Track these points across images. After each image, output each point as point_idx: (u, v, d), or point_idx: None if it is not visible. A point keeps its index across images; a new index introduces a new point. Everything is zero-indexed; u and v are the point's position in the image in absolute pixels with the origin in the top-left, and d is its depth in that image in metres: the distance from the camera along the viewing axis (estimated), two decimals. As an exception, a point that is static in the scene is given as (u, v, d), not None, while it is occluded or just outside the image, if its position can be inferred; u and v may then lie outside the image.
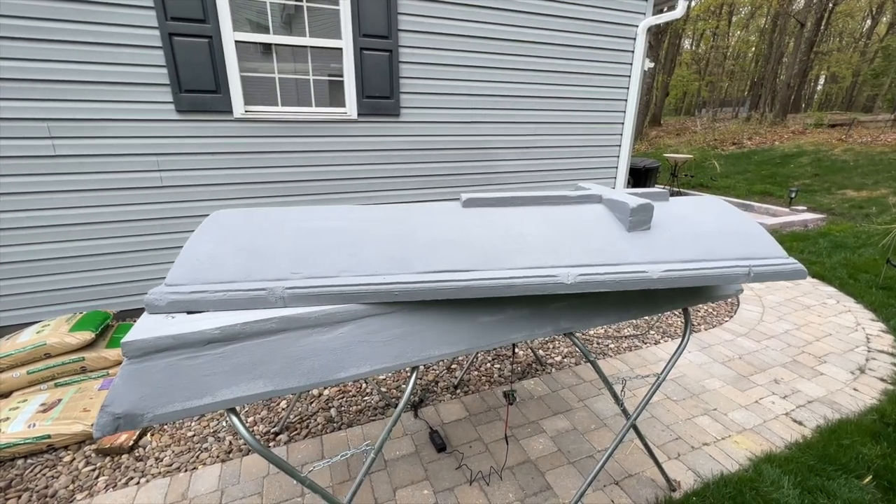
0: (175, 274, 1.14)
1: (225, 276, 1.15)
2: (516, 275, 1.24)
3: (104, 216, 3.13)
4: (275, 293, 1.14)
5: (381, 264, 1.23)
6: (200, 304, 1.12)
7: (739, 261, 1.37)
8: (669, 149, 14.74)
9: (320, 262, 1.21)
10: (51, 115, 2.85)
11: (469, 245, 1.31)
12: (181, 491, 1.89)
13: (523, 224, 1.42)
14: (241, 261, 1.19)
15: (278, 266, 1.19)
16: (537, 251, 1.31)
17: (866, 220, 6.66)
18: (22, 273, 3.03)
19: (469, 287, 1.21)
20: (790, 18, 20.20)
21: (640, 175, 8.01)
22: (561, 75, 4.31)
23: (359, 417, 2.37)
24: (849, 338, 3.26)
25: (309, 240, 1.27)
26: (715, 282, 1.34)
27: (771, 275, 1.36)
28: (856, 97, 29.18)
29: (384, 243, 1.29)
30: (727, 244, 1.41)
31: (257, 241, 1.24)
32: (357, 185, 3.82)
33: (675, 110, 34.68)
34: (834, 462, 2.02)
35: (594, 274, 1.26)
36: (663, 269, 1.30)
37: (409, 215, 1.45)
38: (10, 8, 2.62)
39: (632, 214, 1.39)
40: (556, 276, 1.24)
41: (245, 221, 1.33)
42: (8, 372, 2.45)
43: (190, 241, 1.23)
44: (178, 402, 1.01)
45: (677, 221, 1.48)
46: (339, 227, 1.34)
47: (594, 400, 2.51)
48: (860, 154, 10.34)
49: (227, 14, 3.07)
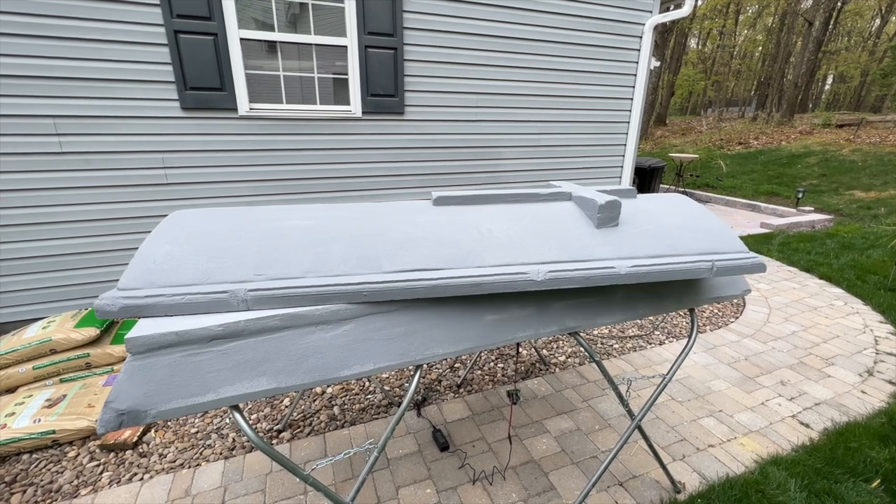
0: (128, 277, 1.08)
1: (183, 279, 1.09)
2: (486, 272, 1.23)
3: (109, 213, 3.15)
4: (237, 296, 1.09)
5: (349, 264, 1.20)
6: (155, 308, 1.05)
7: (703, 255, 1.42)
8: (675, 148, 14.65)
9: (285, 262, 1.17)
10: (57, 111, 2.86)
11: (438, 243, 1.30)
12: (184, 487, 1.89)
13: (493, 222, 1.42)
14: (201, 262, 1.13)
15: (241, 267, 1.14)
16: (507, 249, 1.32)
17: (875, 221, 6.59)
18: (28, 269, 3.05)
19: (437, 286, 1.20)
20: (798, 17, 20.02)
21: (645, 175, 7.96)
22: (566, 73, 4.28)
23: (362, 415, 2.37)
24: (857, 340, 3.22)
25: (274, 240, 1.22)
26: (680, 276, 1.37)
27: (733, 269, 1.41)
28: (864, 97, 28.87)
29: (352, 242, 1.26)
30: (691, 240, 1.46)
31: (220, 242, 1.19)
32: (361, 183, 3.82)
33: (680, 110, 34.47)
34: (841, 465, 1.99)
35: (564, 270, 1.28)
36: (630, 265, 1.34)
37: (379, 214, 1.43)
38: (17, 5, 2.63)
39: (600, 211, 1.43)
40: (526, 272, 1.26)
41: (208, 222, 1.28)
42: (14, 367, 2.47)
43: (146, 243, 1.16)
44: (182, 398, 1.01)
45: (644, 218, 1.52)
46: (306, 226, 1.30)
47: (598, 400, 2.49)
48: (869, 154, 10.23)
49: (233, 12, 3.07)
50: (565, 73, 4.28)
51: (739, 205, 8.11)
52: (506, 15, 3.86)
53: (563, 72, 4.26)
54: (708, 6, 24.48)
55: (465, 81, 3.91)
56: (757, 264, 1.43)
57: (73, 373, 2.54)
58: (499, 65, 3.98)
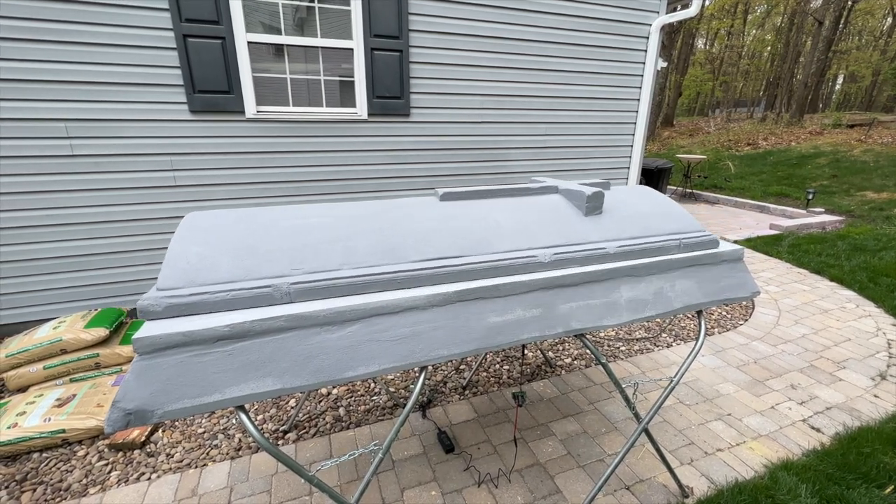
0: (166, 278, 1.12)
1: (221, 277, 1.15)
2: (500, 257, 1.40)
3: (119, 215, 3.19)
4: (280, 289, 1.16)
5: (376, 256, 1.29)
6: (200, 306, 1.10)
7: (671, 235, 1.67)
8: (682, 149, 14.54)
9: (318, 257, 1.24)
10: (68, 115, 2.91)
11: (453, 234, 1.43)
12: (191, 487, 1.91)
13: (497, 214, 1.57)
14: (236, 261, 1.19)
15: (276, 263, 1.21)
16: (514, 236, 1.48)
17: (887, 222, 6.48)
18: (39, 270, 3.10)
19: (462, 271, 1.34)
20: (808, 16, 19.80)
21: (652, 176, 7.91)
22: (572, 74, 4.27)
23: (367, 417, 2.37)
24: (869, 343, 3.17)
25: (301, 237, 1.30)
26: (657, 254, 1.60)
27: (695, 245, 1.67)
28: (876, 97, 28.44)
29: (375, 236, 1.35)
30: (660, 222, 1.70)
31: (248, 241, 1.25)
32: (367, 184, 3.83)
33: (688, 110, 34.19)
34: (854, 471, 1.96)
35: (565, 252, 1.48)
36: (618, 245, 1.56)
37: (391, 210, 1.52)
38: (30, 11, 2.68)
39: (588, 201, 1.63)
40: (535, 255, 1.44)
41: (228, 222, 1.33)
42: (25, 367, 2.51)
43: (175, 244, 1.21)
44: (188, 398, 1.02)
45: (622, 206, 1.74)
46: (325, 223, 1.38)
47: (605, 403, 2.47)
48: (880, 155, 10.08)
49: (240, 15, 3.10)
50: (571, 75, 4.27)
51: (748, 206, 8.02)
52: (510, 17, 3.86)
53: (568, 73, 4.25)
54: (716, 6, 24.30)
55: (470, 83, 3.91)
56: (712, 240, 1.70)
57: (82, 373, 2.57)
58: (503, 66, 3.98)
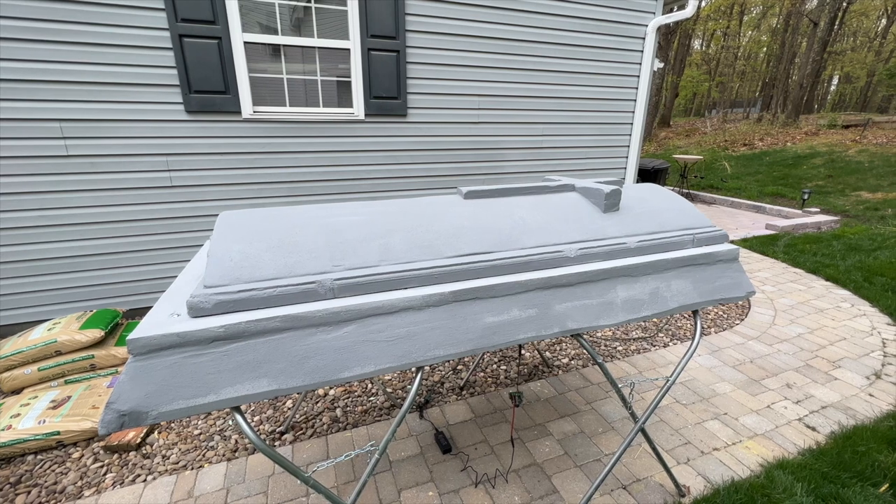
0: (213, 275, 1.14)
1: (265, 274, 1.18)
2: (529, 253, 1.44)
3: (115, 216, 3.17)
4: (324, 285, 1.19)
5: (413, 253, 1.33)
6: (248, 302, 1.13)
7: (685, 230, 1.71)
8: (679, 150, 14.59)
9: (357, 253, 1.27)
10: (63, 115, 2.89)
11: (482, 231, 1.46)
12: (187, 489, 1.90)
13: (520, 211, 1.60)
14: (278, 258, 1.21)
15: (317, 260, 1.24)
16: (539, 232, 1.52)
17: (882, 222, 6.52)
18: (34, 271, 3.08)
19: (496, 266, 1.38)
20: (803, 18, 19.92)
21: (648, 176, 7.93)
22: (569, 75, 4.28)
23: (364, 418, 2.36)
24: (864, 342, 3.18)
25: (337, 235, 1.32)
26: (673, 248, 1.66)
27: (707, 240, 1.72)
28: (870, 97, 28.64)
29: (407, 234, 1.38)
30: (674, 219, 1.74)
31: (287, 239, 1.27)
32: (364, 184, 3.83)
33: (684, 111, 34.32)
34: (849, 469, 1.97)
35: (589, 248, 1.52)
36: (637, 240, 1.60)
37: (418, 208, 1.54)
38: (24, 10, 2.67)
39: (606, 199, 1.66)
40: (562, 251, 1.48)
41: (261, 221, 1.35)
42: (20, 369, 2.49)
43: (217, 243, 1.23)
44: (183, 399, 1.01)
45: (637, 203, 1.77)
46: (358, 221, 1.40)
47: (601, 403, 2.48)
48: (875, 155, 10.14)
49: (237, 16, 3.10)
50: (568, 75, 4.28)
51: (744, 206, 8.06)
52: (506, 17, 3.86)
53: (565, 73, 4.26)
54: (712, 7, 24.40)
55: (467, 83, 3.91)
56: (722, 235, 1.74)
57: (77, 374, 2.55)
58: (500, 66, 3.98)
